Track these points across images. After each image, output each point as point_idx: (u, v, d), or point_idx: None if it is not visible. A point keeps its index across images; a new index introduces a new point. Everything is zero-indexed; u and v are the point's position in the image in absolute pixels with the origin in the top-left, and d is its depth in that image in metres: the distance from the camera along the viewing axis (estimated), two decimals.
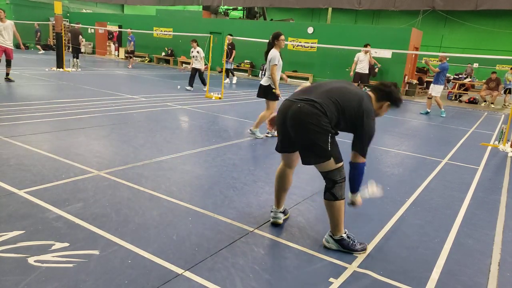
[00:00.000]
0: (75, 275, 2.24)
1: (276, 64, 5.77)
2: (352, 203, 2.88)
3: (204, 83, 11.69)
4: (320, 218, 3.34)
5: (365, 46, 12.24)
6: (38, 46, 22.62)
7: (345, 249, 2.77)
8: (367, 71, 12.42)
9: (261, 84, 6.06)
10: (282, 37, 5.84)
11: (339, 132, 2.71)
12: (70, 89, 9.47)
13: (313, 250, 2.78)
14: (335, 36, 17.04)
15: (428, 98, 10.83)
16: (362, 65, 12.34)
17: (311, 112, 2.54)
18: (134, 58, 18.28)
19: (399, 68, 16.03)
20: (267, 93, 5.98)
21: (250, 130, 6.22)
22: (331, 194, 2.68)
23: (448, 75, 19.06)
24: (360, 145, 2.67)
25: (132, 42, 17.48)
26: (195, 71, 11.64)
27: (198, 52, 11.43)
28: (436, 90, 10.49)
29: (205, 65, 11.76)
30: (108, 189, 3.54)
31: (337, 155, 2.63)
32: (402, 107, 2.87)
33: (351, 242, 2.79)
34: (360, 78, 12.49)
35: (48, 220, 2.85)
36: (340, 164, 2.66)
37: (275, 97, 5.98)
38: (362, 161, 2.70)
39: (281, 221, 3.15)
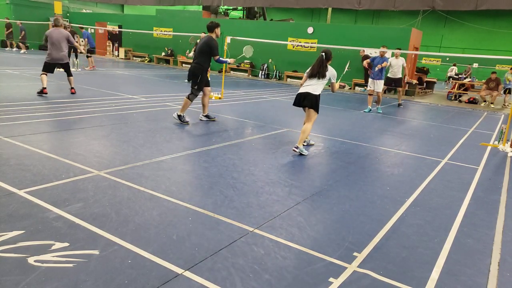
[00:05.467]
0: (75, 275, 2.24)
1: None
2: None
3: None
4: (320, 218, 3.34)
5: (397, 49, 12.27)
6: (21, 45, 21.39)
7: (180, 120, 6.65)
8: (399, 75, 11.90)
9: (311, 93, 5.50)
10: None
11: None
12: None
13: (313, 250, 2.78)
14: (335, 36, 17.02)
15: (369, 95, 10.50)
16: (393, 70, 11.85)
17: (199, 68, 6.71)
18: (92, 57, 15.07)
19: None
20: (318, 103, 5.64)
21: (297, 147, 5.41)
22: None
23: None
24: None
25: (85, 40, 14.38)
26: None
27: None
28: (380, 86, 10.38)
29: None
30: (108, 189, 3.54)
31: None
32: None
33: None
34: (392, 82, 12.05)
35: (48, 220, 2.85)
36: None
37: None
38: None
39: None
